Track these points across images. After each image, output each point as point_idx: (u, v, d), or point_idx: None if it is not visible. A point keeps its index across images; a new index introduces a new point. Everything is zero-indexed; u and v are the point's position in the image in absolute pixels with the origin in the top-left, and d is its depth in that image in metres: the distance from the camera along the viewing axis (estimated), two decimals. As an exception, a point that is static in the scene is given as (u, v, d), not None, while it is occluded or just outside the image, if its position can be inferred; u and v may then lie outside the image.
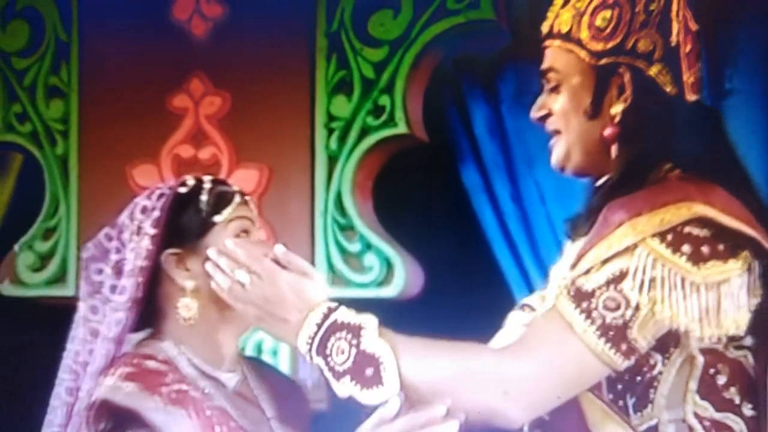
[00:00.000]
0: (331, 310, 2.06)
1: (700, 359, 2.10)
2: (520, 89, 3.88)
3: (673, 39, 2.19)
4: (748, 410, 2.13)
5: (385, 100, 3.80)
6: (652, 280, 2.02)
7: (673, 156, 2.18)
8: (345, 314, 2.06)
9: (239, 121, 3.91)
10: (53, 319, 3.97)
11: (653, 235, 2.04)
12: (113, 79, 3.96)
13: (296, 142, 3.86)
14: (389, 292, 3.78)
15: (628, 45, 2.18)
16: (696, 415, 2.11)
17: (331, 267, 3.82)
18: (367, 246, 3.82)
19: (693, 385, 2.11)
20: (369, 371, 2.01)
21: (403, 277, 3.77)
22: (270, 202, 3.83)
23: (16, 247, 4.09)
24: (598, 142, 2.22)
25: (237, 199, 2.15)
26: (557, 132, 2.26)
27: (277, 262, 2.08)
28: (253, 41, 3.86)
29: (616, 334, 2.02)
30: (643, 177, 2.16)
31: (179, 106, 3.94)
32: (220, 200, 2.14)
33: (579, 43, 2.20)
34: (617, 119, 2.18)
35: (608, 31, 2.18)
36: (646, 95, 2.18)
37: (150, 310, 2.13)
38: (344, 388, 2.03)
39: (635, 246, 2.04)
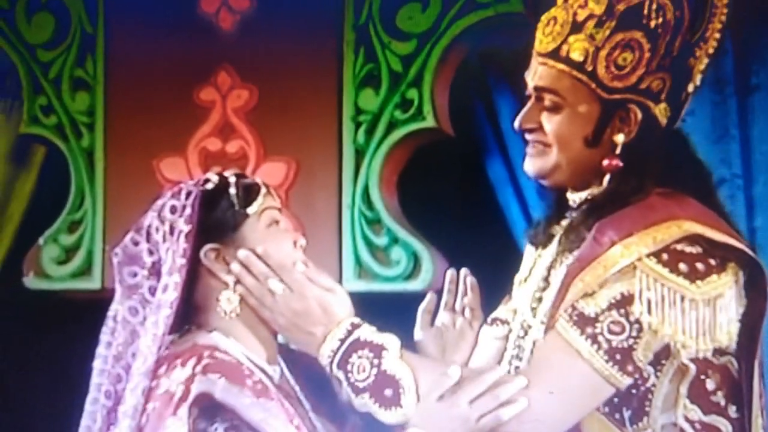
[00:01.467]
0: (354, 327, 2.13)
1: (692, 368, 2.15)
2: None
3: (694, 83, 2.26)
4: (733, 412, 2.18)
5: (413, 94, 3.80)
6: (656, 300, 2.08)
7: (657, 178, 2.24)
8: (368, 332, 2.13)
9: (266, 114, 3.91)
10: (78, 312, 4.03)
11: (648, 255, 2.09)
12: (139, 72, 3.96)
13: (323, 135, 3.87)
14: (416, 285, 3.78)
15: (642, 85, 2.21)
16: (686, 419, 2.16)
17: (358, 260, 3.82)
18: (394, 240, 3.82)
19: (684, 390, 2.15)
20: (388, 392, 2.08)
21: (431, 271, 3.77)
22: (297, 195, 3.83)
23: (40, 240, 4.09)
24: (592, 168, 2.25)
25: (263, 189, 2.16)
26: (544, 145, 2.27)
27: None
28: (281, 34, 3.86)
29: (623, 357, 2.08)
30: (627, 199, 2.21)
31: (206, 99, 3.95)
32: (249, 192, 2.15)
33: (593, 75, 2.19)
34: (618, 150, 2.22)
35: (626, 71, 2.20)
36: (647, 130, 2.23)
37: (186, 306, 2.12)
38: (362, 404, 2.10)
39: (633, 267, 2.10)
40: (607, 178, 2.23)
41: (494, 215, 4.00)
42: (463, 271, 2.41)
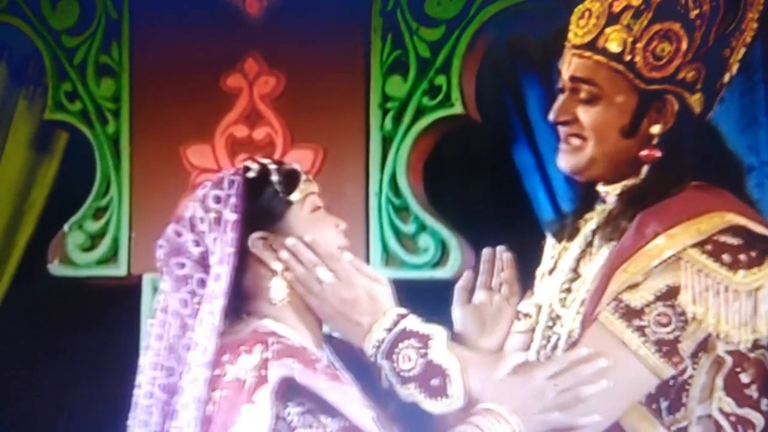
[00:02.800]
0: (401, 317, 2.13)
1: (729, 360, 2.16)
2: (575, 70, 3.85)
3: (730, 72, 2.27)
4: (764, 406, 2.19)
5: (441, 80, 3.78)
6: (700, 291, 2.10)
7: (694, 169, 2.25)
8: (414, 323, 2.13)
9: (294, 101, 3.89)
10: (103, 299, 4.03)
11: (693, 246, 2.11)
12: (165, 59, 3.94)
13: (351, 122, 3.85)
14: (444, 273, 3.77)
15: (679, 76, 2.22)
16: (721, 411, 2.17)
17: (385, 248, 3.81)
18: (422, 227, 3.81)
19: (720, 382, 2.17)
20: (435, 381, 2.08)
21: (459, 259, 3.76)
22: (324, 183, 3.69)
23: (65, 227, 4.08)
24: (627, 159, 2.25)
25: (303, 176, 2.15)
26: (580, 139, 2.27)
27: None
28: (308, 20, 3.84)
29: (670, 348, 2.10)
30: (667, 190, 2.22)
31: (233, 86, 3.93)
32: (291, 179, 2.15)
33: (631, 66, 2.21)
34: (655, 141, 2.23)
35: (664, 61, 2.21)
36: (683, 121, 2.23)
37: (234, 295, 2.11)
38: (408, 394, 2.10)
39: (678, 258, 2.11)
40: (645, 169, 2.24)
41: (521, 203, 3.99)
42: (500, 248, 2.41)
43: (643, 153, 2.23)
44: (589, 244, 2.31)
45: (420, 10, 3.79)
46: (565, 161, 2.30)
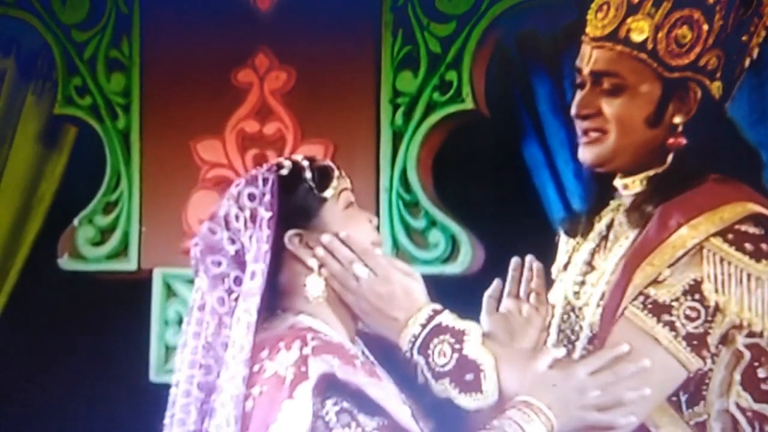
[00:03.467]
0: (436, 312, 2.13)
1: (747, 354, 2.17)
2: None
3: (750, 57, 2.28)
4: None
5: (452, 76, 3.79)
6: (723, 279, 2.11)
7: (716, 159, 2.26)
8: (449, 318, 2.13)
9: (304, 96, 3.90)
10: (113, 293, 4.03)
11: (715, 234, 2.12)
12: (176, 54, 3.94)
13: (361, 117, 3.86)
14: (454, 268, 3.78)
15: (700, 63, 2.23)
16: (738, 406, 2.18)
17: (395, 243, 3.82)
18: (432, 222, 3.82)
19: (737, 376, 2.17)
20: (469, 376, 2.08)
21: (469, 254, 3.77)
22: None
23: (75, 221, 4.08)
24: (652, 150, 2.26)
25: (335, 171, 2.15)
26: (603, 132, 2.27)
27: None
28: (319, 16, 3.85)
29: (699, 342, 2.11)
30: (692, 178, 2.23)
31: (244, 81, 3.93)
32: (324, 175, 2.14)
33: (654, 55, 2.21)
34: (680, 129, 2.24)
35: (686, 48, 2.22)
36: (705, 109, 2.24)
37: (269, 292, 2.12)
38: (442, 389, 2.09)
39: (701, 248, 2.12)
40: (670, 157, 2.25)
41: (530, 199, 3.99)
42: (529, 257, 2.40)
43: (670, 141, 2.23)
44: (604, 238, 2.32)
45: (431, 5, 3.79)
46: (587, 153, 2.29)
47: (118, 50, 4.03)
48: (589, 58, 2.27)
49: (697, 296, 2.10)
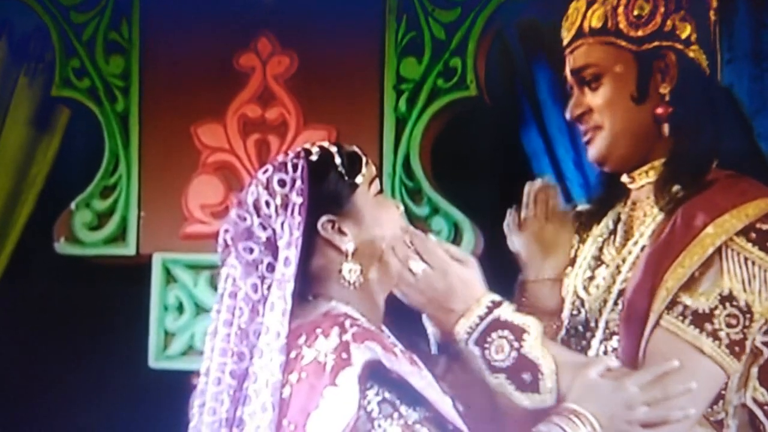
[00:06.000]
0: (495, 305, 2.13)
1: (766, 351, 2.17)
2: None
3: (711, 17, 2.29)
4: None
5: (456, 62, 3.78)
6: (750, 278, 2.11)
7: (718, 150, 2.25)
8: (508, 312, 2.13)
9: (307, 81, 3.87)
10: (111, 278, 3.99)
11: (738, 234, 2.12)
12: (177, 37, 3.91)
13: (364, 103, 3.84)
14: (456, 256, 3.76)
15: (666, 28, 2.23)
16: (755, 400, 2.18)
17: (397, 230, 3.79)
18: (435, 209, 3.81)
19: (755, 371, 2.18)
20: (526, 376, 2.08)
21: (472, 241, 3.76)
22: None
23: (72, 205, 4.03)
24: (647, 125, 2.25)
25: (364, 158, 2.14)
26: (597, 128, 2.28)
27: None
28: (322, 0, 3.81)
29: (740, 347, 2.12)
30: (702, 176, 2.22)
31: (246, 65, 3.91)
32: (354, 162, 2.12)
33: (617, 33, 2.23)
34: (667, 99, 2.24)
35: (645, 17, 2.23)
36: (690, 76, 2.24)
37: (301, 278, 2.10)
38: (498, 383, 2.10)
39: (727, 247, 2.12)
40: (666, 129, 2.23)
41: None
42: (544, 179, 2.45)
43: (658, 111, 2.23)
44: (612, 233, 2.32)
45: (436, -9, 3.78)
46: (590, 153, 2.30)
47: (117, 32, 3.99)
48: (568, 65, 2.30)
49: (734, 303, 2.10)
